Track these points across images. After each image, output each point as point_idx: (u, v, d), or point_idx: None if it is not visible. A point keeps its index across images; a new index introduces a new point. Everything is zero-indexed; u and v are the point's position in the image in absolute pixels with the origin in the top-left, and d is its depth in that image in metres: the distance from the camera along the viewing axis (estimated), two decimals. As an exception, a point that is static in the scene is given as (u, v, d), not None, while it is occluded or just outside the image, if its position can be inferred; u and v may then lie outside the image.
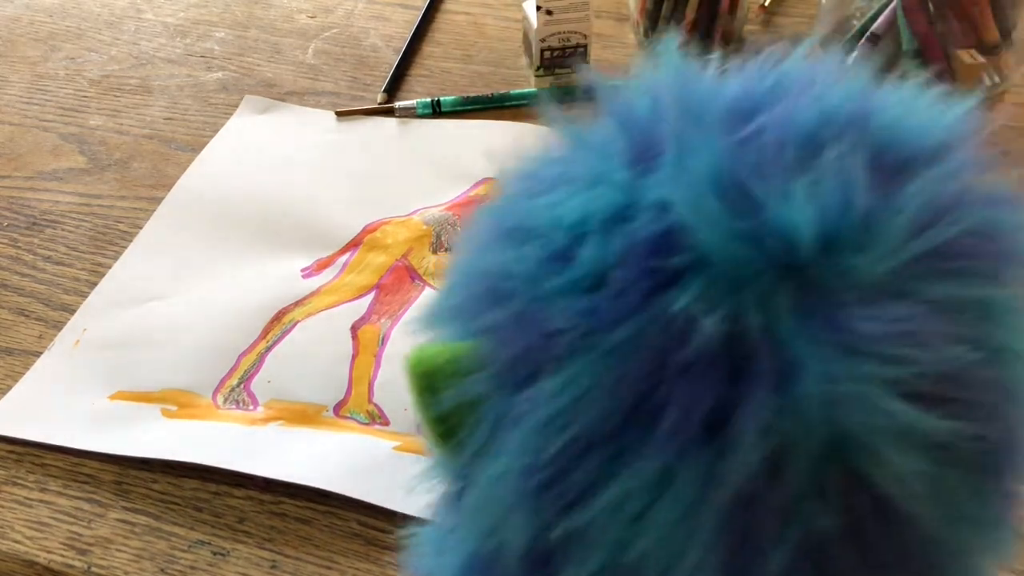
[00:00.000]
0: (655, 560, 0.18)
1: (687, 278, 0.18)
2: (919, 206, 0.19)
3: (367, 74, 0.67)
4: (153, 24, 0.73)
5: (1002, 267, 0.19)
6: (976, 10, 0.60)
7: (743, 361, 0.17)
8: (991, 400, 0.19)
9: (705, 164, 0.18)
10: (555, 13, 0.62)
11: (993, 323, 0.19)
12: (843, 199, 0.18)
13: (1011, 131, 0.61)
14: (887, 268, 0.18)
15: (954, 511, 0.18)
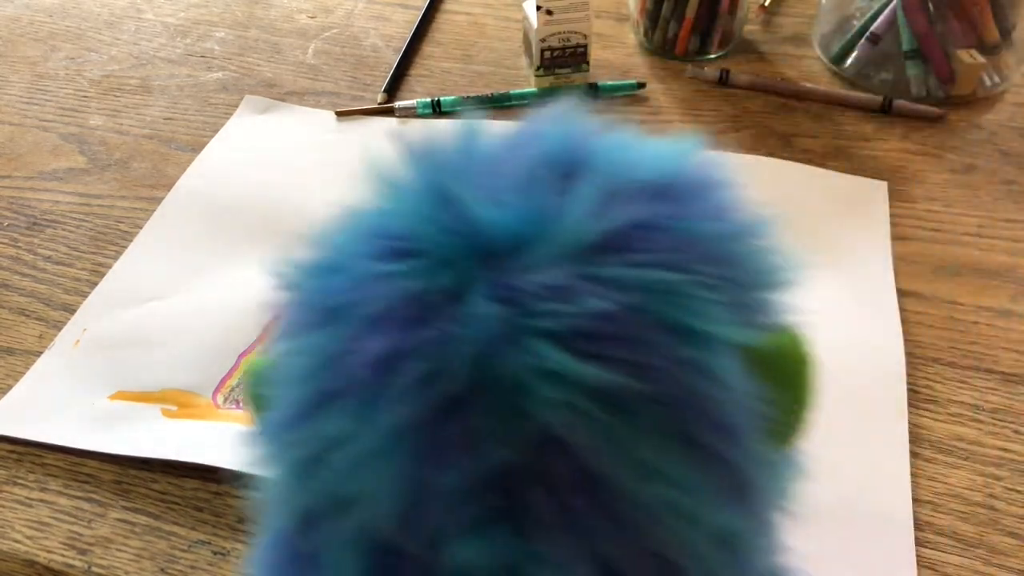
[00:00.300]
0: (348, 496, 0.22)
1: (403, 260, 0.23)
2: (594, 201, 0.23)
3: (367, 74, 0.67)
4: (153, 24, 0.73)
5: (691, 260, 0.23)
6: (976, 10, 0.60)
7: (423, 316, 0.22)
8: (664, 366, 0.21)
9: (427, 183, 0.24)
10: (555, 13, 0.62)
11: (670, 304, 0.22)
12: (532, 198, 0.23)
13: (1010, 131, 0.61)
14: (567, 251, 0.22)
15: (638, 466, 0.21)
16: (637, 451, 0.21)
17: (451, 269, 0.22)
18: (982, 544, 0.39)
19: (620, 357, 0.21)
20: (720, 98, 0.64)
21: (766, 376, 0.24)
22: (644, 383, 0.21)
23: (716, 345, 0.22)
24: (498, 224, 0.22)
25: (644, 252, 0.22)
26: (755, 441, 0.23)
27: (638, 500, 0.21)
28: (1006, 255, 0.52)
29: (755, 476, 0.24)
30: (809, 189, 0.56)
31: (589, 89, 0.64)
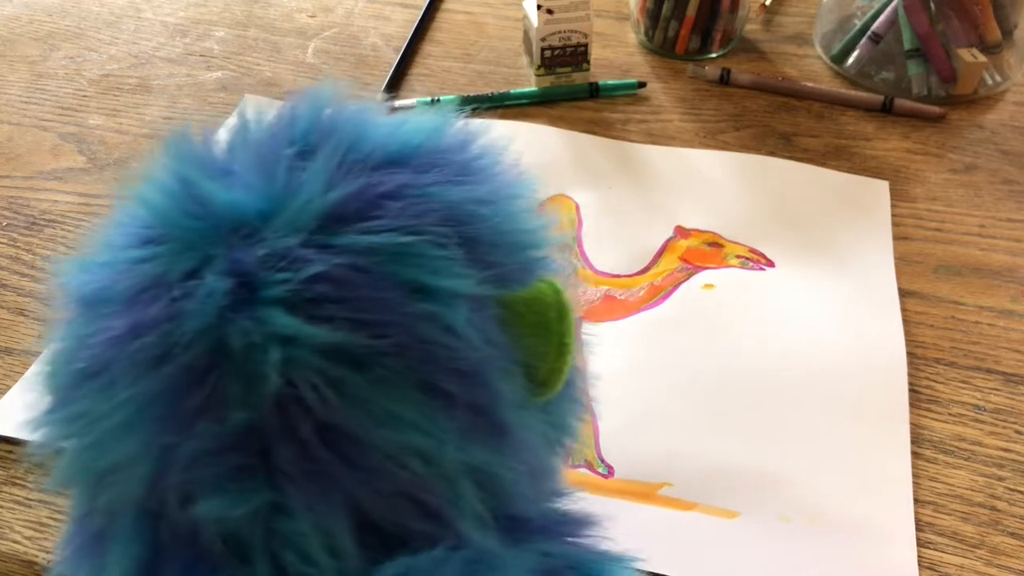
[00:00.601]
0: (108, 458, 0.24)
1: (151, 246, 0.24)
2: (327, 175, 0.24)
3: (367, 73, 0.67)
4: (152, 23, 0.73)
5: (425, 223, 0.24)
6: (977, 9, 0.60)
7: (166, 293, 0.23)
8: (396, 320, 0.23)
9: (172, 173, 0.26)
10: (556, 12, 0.62)
11: (400, 263, 0.23)
12: (267, 177, 0.25)
13: (1011, 131, 0.61)
14: (302, 222, 0.23)
15: (377, 415, 0.23)
16: (374, 401, 0.23)
17: (194, 251, 0.23)
18: (983, 545, 0.39)
19: (349, 317, 0.23)
20: (721, 97, 0.64)
21: (521, 325, 0.25)
22: (375, 338, 0.23)
23: (449, 298, 0.24)
24: (234, 205, 0.24)
25: (376, 219, 0.24)
26: (505, 384, 0.25)
27: (380, 446, 0.23)
28: (1007, 255, 0.52)
29: (508, 418, 0.25)
30: (810, 189, 0.56)
31: (590, 88, 0.64)
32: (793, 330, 0.48)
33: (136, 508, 0.24)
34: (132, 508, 0.24)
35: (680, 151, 0.59)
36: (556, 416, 0.28)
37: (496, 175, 0.28)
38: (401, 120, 0.27)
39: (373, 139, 0.26)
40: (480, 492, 0.25)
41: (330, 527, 0.23)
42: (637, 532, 0.40)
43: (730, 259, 0.52)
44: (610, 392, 0.45)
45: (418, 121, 0.27)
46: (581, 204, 0.55)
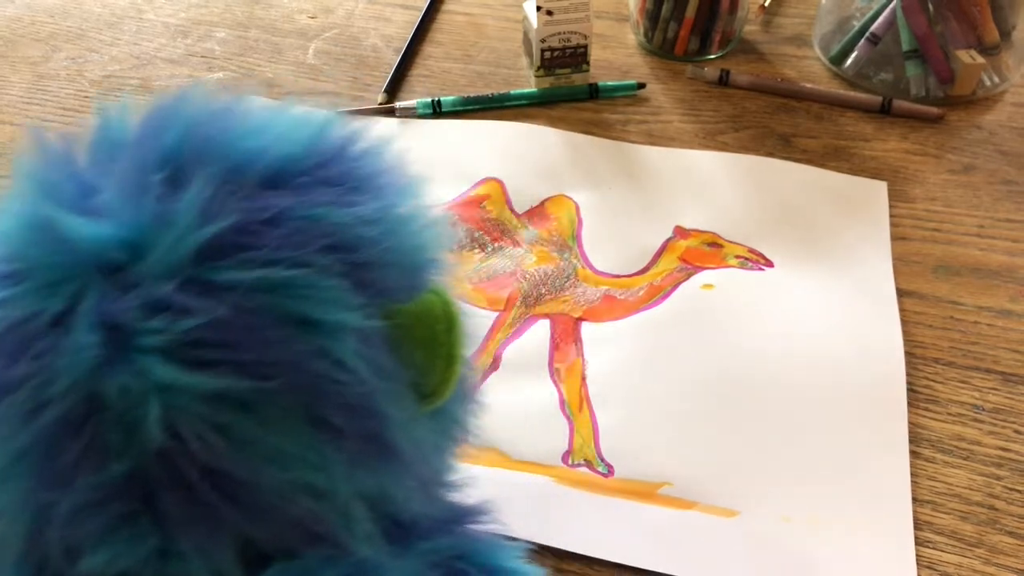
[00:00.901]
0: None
1: (8, 286, 0.23)
2: (203, 205, 0.22)
3: (367, 74, 0.67)
4: (154, 24, 0.73)
5: (306, 251, 0.23)
6: (976, 10, 0.60)
7: (30, 341, 0.22)
8: (282, 359, 0.22)
9: (31, 201, 0.24)
10: (555, 13, 0.62)
11: (284, 298, 0.22)
12: (134, 208, 0.23)
13: (1009, 131, 0.61)
14: (176, 258, 0.22)
15: (263, 454, 0.22)
16: (262, 441, 0.22)
17: (58, 291, 0.22)
18: (982, 544, 0.39)
19: (232, 360, 0.22)
20: (720, 98, 0.64)
21: (409, 339, 0.25)
22: (261, 380, 0.22)
23: (337, 331, 0.23)
24: (100, 240, 0.22)
25: (256, 250, 0.22)
26: (394, 407, 0.24)
27: (268, 485, 0.22)
28: (1006, 255, 0.52)
29: (399, 439, 0.25)
30: (809, 189, 0.56)
31: (589, 89, 0.64)
32: (792, 330, 0.48)
33: (16, 559, 0.23)
34: (12, 559, 0.23)
35: (679, 152, 0.60)
36: (447, 419, 0.28)
37: (380, 185, 0.26)
38: (277, 125, 0.26)
39: (249, 154, 0.24)
40: (371, 513, 0.24)
41: (219, 564, 0.23)
42: (637, 532, 0.40)
43: (729, 259, 0.52)
44: (610, 392, 0.45)
45: (295, 127, 0.26)
46: (581, 204, 0.56)
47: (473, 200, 0.56)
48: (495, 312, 0.49)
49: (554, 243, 0.53)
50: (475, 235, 0.54)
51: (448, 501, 0.30)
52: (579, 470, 0.42)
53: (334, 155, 0.26)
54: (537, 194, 0.56)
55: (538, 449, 0.43)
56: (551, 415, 0.44)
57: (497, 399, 0.45)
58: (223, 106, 0.26)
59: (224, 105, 0.26)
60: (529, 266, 0.52)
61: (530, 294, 0.50)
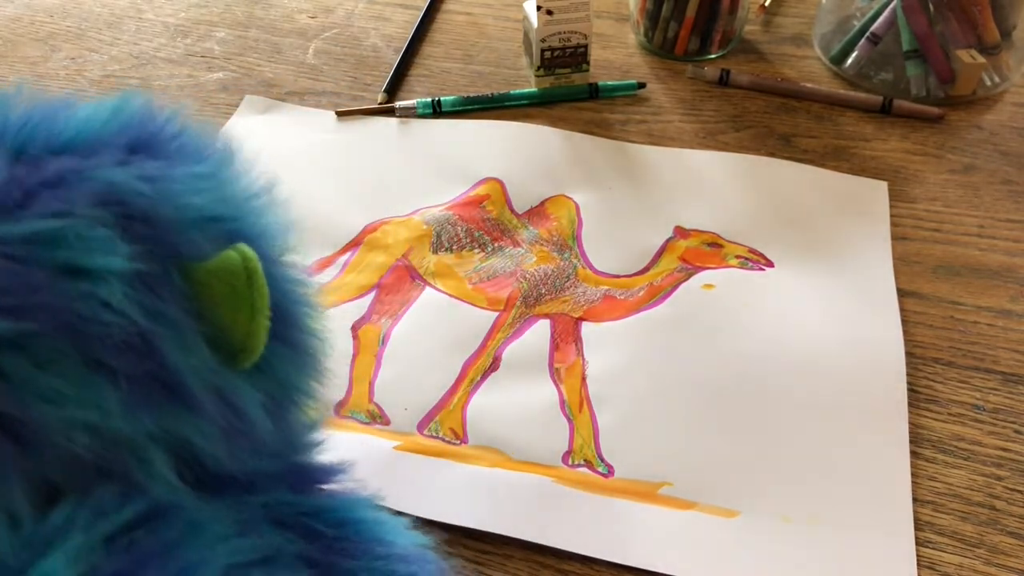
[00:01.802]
0: None
1: None
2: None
3: (367, 74, 0.67)
4: (153, 24, 0.73)
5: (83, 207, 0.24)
6: (976, 10, 0.60)
7: None
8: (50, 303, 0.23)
9: None
10: (555, 13, 0.62)
11: (52, 247, 0.24)
12: None
13: (1010, 131, 0.61)
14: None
15: (41, 394, 0.23)
16: (35, 380, 0.23)
17: None
18: (982, 544, 0.39)
19: (1, 305, 0.23)
20: (720, 98, 0.64)
21: (209, 296, 0.26)
22: (30, 322, 0.23)
23: (102, 276, 0.24)
24: None
25: (31, 208, 0.24)
26: (182, 352, 0.25)
27: (46, 423, 0.24)
28: (1006, 255, 0.52)
29: (191, 384, 0.26)
30: (809, 189, 0.56)
31: (589, 89, 0.64)
32: (792, 330, 0.48)
33: None
34: None
35: (680, 152, 0.60)
36: (275, 381, 0.29)
37: (176, 150, 0.28)
38: (84, 109, 0.27)
39: (45, 129, 0.26)
40: (169, 456, 0.26)
41: (8, 504, 0.24)
42: (637, 532, 0.40)
43: (730, 259, 0.52)
44: (610, 392, 0.45)
45: (100, 107, 0.27)
46: (581, 204, 0.56)
47: (473, 200, 0.56)
48: (495, 312, 0.49)
49: (554, 243, 0.53)
50: (475, 235, 0.53)
51: (298, 462, 0.31)
52: (579, 470, 0.42)
53: (128, 127, 0.27)
54: (537, 194, 0.56)
55: (538, 449, 0.43)
56: (551, 415, 0.44)
57: (497, 399, 0.45)
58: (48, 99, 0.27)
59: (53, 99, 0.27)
60: (529, 266, 0.52)
61: (530, 294, 0.50)
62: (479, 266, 0.52)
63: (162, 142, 0.27)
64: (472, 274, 0.51)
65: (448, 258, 0.52)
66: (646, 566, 0.38)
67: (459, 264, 0.52)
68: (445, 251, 0.52)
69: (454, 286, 0.51)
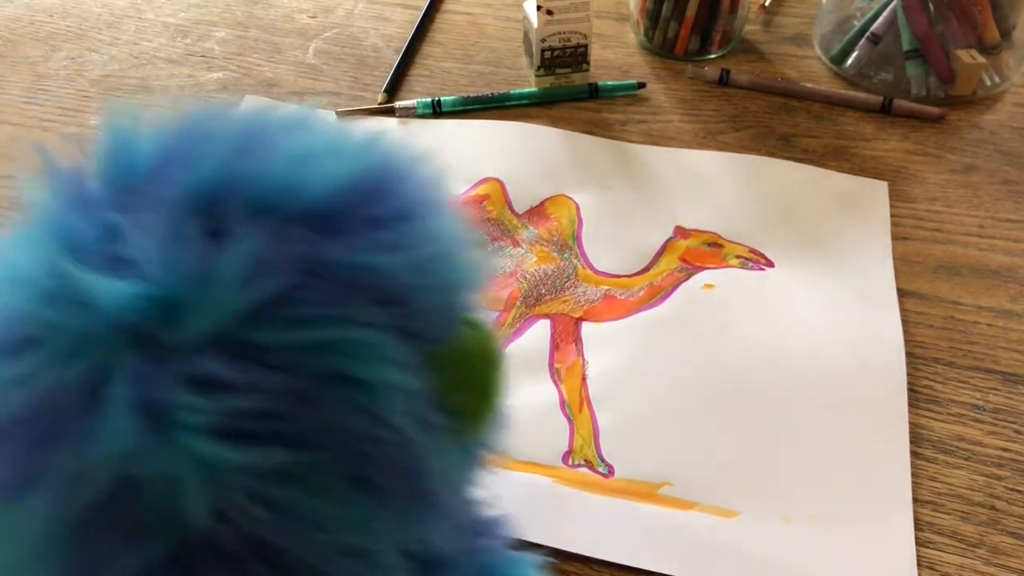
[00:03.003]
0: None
1: (24, 354, 0.20)
2: (245, 260, 0.20)
3: (367, 74, 0.67)
4: (153, 24, 0.73)
5: (352, 306, 0.21)
6: (976, 10, 0.60)
7: (60, 422, 0.20)
8: (328, 426, 0.21)
9: (51, 234, 0.21)
10: (556, 13, 0.62)
11: (337, 357, 0.21)
12: (169, 263, 0.20)
13: (1010, 131, 0.61)
14: (216, 322, 0.20)
15: (310, 522, 0.21)
16: (307, 509, 0.21)
17: (82, 362, 0.20)
18: (983, 544, 0.39)
19: (278, 431, 0.20)
20: (720, 98, 0.64)
21: (447, 380, 0.23)
22: (308, 450, 0.20)
23: (385, 390, 0.21)
24: (129, 302, 0.20)
25: (302, 308, 0.21)
26: (437, 458, 0.23)
27: (313, 551, 0.21)
28: (1006, 255, 0.52)
29: (439, 488, 0.24)
30: (809, 189, 0.56)
31: (589, 89, 0.64)
32: (792, 330, 0.48)
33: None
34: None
35: (680, 152, 0.60)
36: (476, 446, 0.27)
37: (421, 217, 0.24)
38: (317, 154, 0.23)
39: (290, 193, 0.22)
40: (407, 561, 0.23)
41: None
42: (637, 532, 0.40)
43: (730, 259, 0.52)
44: (610, 392, 0.45)
45: (336, 156, 0.24)
46: (581, 204, 0.56)
47: (473, 200, 0.56)
48: (495, 312, 0.49)
49: (554, 243, 0.53)
50: (475, 235, 0.53)
51: (469, 518, 0.29)
52: (579, 470, 0.42)
53: (375, 188, 0.23)
54: (537, 194, 0.56)
55: (538, 449, 0.43)
56: (551, 415, 0.44)
57: (497, 399, 0.45)
58: (251, 127, 0.24)
59: (251, 126, 0.24)
60: (529, 266, 0.52)
61: (530, 294, 0.50)
62: (479, 266, 0.52)
63: (407, 208, 0.24)
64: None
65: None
66: (646, 566, 0.38)
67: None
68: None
69: (454, 286, 0.51)
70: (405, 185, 0.24)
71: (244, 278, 0.20)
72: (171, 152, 0.23)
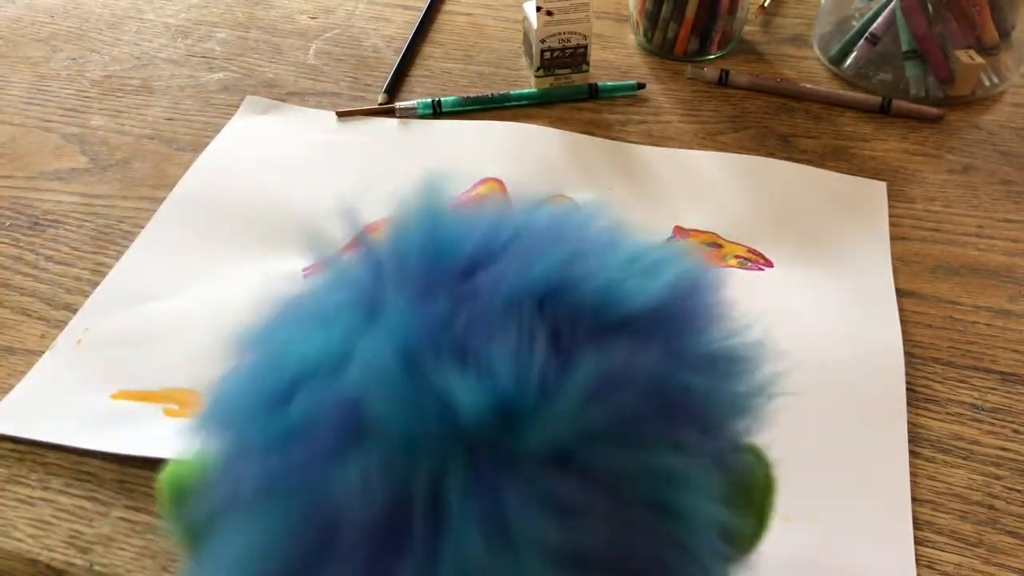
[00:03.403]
0: None
1: (365, 445, 0.19)
2: (594, 375, 0.20)
3: (368, 74, 0.67)
4: (154, 24, 0.73)
5: (680, 431, 0.21)
6: (975, 11, 0.60)
7: (403, 533, 0.19)
8: (653, 558, 0.20)
9: (397, 326, 0.20)
10: (555, 14, 0.62)
11: (665, 485, 0.20)
12: (520, 370, 0.19)
13: (1009, 132, 0.61)
14: (560, 438, 0.19)
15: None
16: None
17: (424, 460, 0.19)
18: (982, 543, 0.39)
19: (606, 560, 0.19)
20: (720, 99, 0.64)
21: (732, 505, 0.23)
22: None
23: (701, 524, 0.21)
24: (482, 405, 0.19)
25: (641, 428, 0.20)
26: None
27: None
28: (1005, 255, 0.52)
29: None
30: (809, 189, 0.57)
31: (589, 90, 0.64)
32: (791, 330, 0.48)
33: None
34: None
35: (679, 152, 0.60)
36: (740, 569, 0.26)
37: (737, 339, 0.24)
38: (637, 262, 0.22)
39: (620, 306, 0.21)
40: None
41: None
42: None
43: (729, 259, 0.52)
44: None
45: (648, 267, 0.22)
46: (581, 205, 0.56)
47: (473, 200, 0.56)
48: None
49: (554, 243, 0.53)
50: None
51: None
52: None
53: (696, 304, 0.23)
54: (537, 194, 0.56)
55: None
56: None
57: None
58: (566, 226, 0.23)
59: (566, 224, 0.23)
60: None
61: (530, 294, 0.50)
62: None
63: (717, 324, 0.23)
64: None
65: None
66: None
67: None
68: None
69: (454, 286, 0.51)
70: (716, 304, 0.24)
71: (593, 393, 0.19)
72: (496, 245, 0.22)
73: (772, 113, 0.63)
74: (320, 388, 0.20)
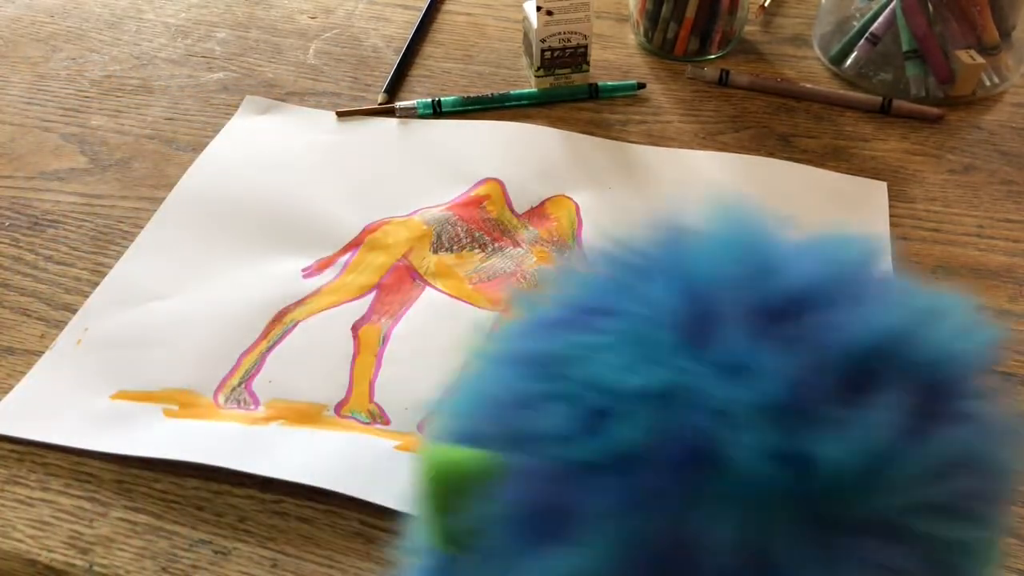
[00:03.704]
0: None
1: (716, 491, 0.18)
2: (944, 454, 0.19)
3: (368, 74, 0.67)
4: (154, 24, 0.73)
5: (991, 509, 0.21)
6: (975, 11, 0.60)
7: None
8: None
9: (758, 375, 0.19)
10: (555, 13, 0.62)
11: (969, 559, 0.20)
12: (877, 437, 0.19)
13: (1009, 131, 0.61)
14: (897, 508, 0.19)
15: None
16: None
17: (778, 512, 0.18)
18: (981, 543, 0.39)
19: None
20: (720, 98, 0.64)
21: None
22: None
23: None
24: (844, 467, 0.18)
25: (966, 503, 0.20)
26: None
27: None
28: (1005, 255, 0.52)
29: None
30: (809, 189, 0.57)
31: (589, 89, 0.64)
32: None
33: None
34: None
35: (679, 152, 0.60)
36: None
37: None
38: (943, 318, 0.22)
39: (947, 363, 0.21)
40: None
41: None
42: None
43: (729, 259, 0.52)
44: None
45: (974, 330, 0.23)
46: (581, 205, 0.56)
47: (473, 200, 0.56)
48: (496, 312, 0.49)
49: (554, 243, 0.53)
50: (475, 235, 0.54)
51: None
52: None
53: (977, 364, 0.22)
54: (537, 194, 0.56)
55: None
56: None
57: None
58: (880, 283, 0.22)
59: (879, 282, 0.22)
60: (529, 266, 0.52)
61: (530, 294, 0.50)
62: (479, 266, 0.52)
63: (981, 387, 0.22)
64: (472, 274, 0.52)
65: (448, 258, 0.52)
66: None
67: (459, 264, 0.52)
68: (445, 251, 0.53)
69: (454, 286, 0.51)
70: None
71: (941, 469, 0.19)
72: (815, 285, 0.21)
73: (772, 113, 0.63)
74: (654, 418, 0.19)
